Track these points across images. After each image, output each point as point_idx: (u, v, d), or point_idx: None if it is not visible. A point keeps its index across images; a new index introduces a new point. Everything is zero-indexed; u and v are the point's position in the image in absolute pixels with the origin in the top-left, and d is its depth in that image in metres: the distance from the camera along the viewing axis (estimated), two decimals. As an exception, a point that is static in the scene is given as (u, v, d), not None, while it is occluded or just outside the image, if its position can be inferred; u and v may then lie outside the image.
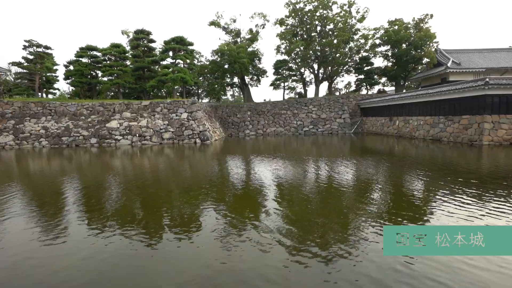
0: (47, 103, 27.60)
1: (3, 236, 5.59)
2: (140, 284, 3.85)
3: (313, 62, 42.56)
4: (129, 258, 4.60)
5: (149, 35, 36.08)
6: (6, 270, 4.28)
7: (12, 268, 4.32)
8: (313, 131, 36.54)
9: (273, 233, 5.36)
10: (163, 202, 7.93)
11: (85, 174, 12.99)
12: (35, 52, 33.77)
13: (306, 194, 8.22)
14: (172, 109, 27.72)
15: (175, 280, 3.90)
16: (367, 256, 4.30)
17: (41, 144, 25.19)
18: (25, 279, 3.99)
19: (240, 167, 13.52)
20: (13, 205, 7.73)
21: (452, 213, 5.91)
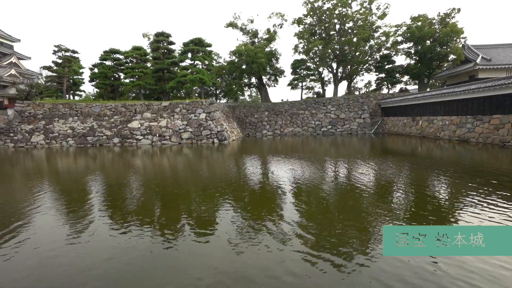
0: (74, 104, 28.96)
1: (36, 231, 5.88)
2: (156, 282, 3.90)
3: (332, 61, 41.83)
4: (147, 255, 4.68)
5: (169, 38, 36.94)
6: (36, 267, 4.49)
7: (43, 265, 4.53)
8: (331, 132, 35.90)
9: (289, 234, 5.28)
10: (182, 201, 8.05)
11: (109, 173, 13.46)
12: (63, 56, 35.54)
13: (324, 195, 8.06)
14: (191, 109, 28.19)
15: (186, 279, 3.92)
16: (388, 260, 4.13)
17: (68, 143, 26.45)
18: (53, 275, 4.17)
19: (257, 167, 13.49)
20: (44, 201, 8.13)
21: (491, 218, 5.57)
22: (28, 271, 4.26)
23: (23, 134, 27.06)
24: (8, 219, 6.64)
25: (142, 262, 4.46)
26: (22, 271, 4.26)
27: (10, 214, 7.11)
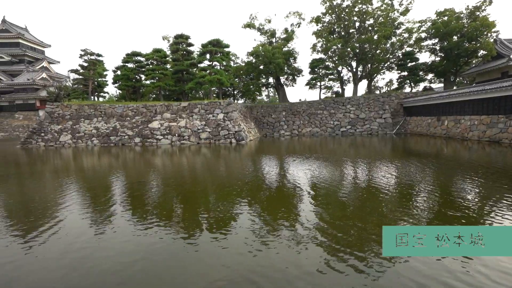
0: (98, 105, 30.20)
1: (64, 225, 6.15)
2: (174, 279, 3.94)
3: (351, 60, 40.86)
4: (166, 252, 4.74)
5: (188, 39, 37.64)
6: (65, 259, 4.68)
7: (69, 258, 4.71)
8: (351, 132, 35.07)
9: (307, 234, 5.18)
10: (200, 199, 8.12)
11: (132, 171, 13.87)
12: (89, 60, 37.19)
13: (343, 197, 7.84)
14: (209, 110, 28.55)
15: (206, 277, 3.92)
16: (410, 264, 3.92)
17: (93, 142, 27.61)
18: (79, 268, 4.33)
19: (275, 167, 13.40)
20: (71, 197, 8.50)
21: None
22: (57, 261, 4.45)
23: (52, 134, 28.56)
24: (39, 214, 7.00)
25: (161, 258, 4.53)
26: (52, 261, 4.46)
27: (42, 209, 7.48)
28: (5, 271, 4.30)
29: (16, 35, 70.02)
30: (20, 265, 4.45)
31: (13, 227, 6.14)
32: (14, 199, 8.94)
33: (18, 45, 69.97)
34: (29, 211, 7.35)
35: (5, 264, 4.52)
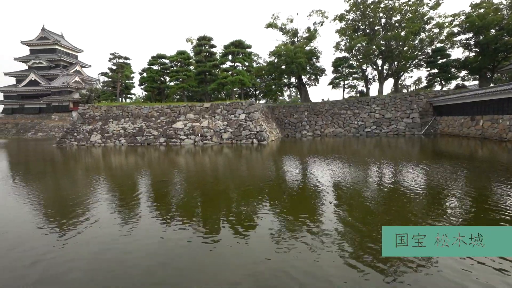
0: (125, 106, 31.50)
1: (95, 220, 6.43)
2: (196, 277, 3.94)
3: (377, 58, 39.52)
4: (188, 250, 4.78)
5: (210, 41, 38.25)
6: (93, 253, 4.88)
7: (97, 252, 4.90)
8: (376, 132, 33.87)
9: (330, 238, 5.00)
10: (223, 199, 8.16)
11: (157, 170, 14.28)
12: (117, 63, 38.95)
13: (368, 200, 7.52)
14: (231, 110, 28.80)
15: (229, 276, 3.89)
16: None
17: (121, 142, 28.83)
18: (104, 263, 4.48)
19: (297, 168, 13.20)
20: (101, 194, 8.89)
21: None
22: (88, 254, 4.65)
23: (84, 134, 30.19)
24: (71, 209, 7.37)
25: (183, 256, 4.57)
26: (84, 253, 4.66)
27: (73, 204, 7.88)
28: (40, 266, 4.54)
29: (53, 42, 74.96)
30: (56, 258, 4.68)
31: (48, 221, 6.50)
32: (48, 195, 9.50)
33: (54, 51, 74.87)
34: (62, 206, 7.76)
35: (40, 261, 4.76)
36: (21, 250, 4.99)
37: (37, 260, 4.58)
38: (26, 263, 4.50)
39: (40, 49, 75.52)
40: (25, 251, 4.94)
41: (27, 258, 4.66)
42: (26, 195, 9.09)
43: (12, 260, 4.63)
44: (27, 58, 75.22)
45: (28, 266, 4.39)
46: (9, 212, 7.38)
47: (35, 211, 7.41)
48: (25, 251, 4.92)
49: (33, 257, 4.69)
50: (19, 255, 4.78)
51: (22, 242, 5.33)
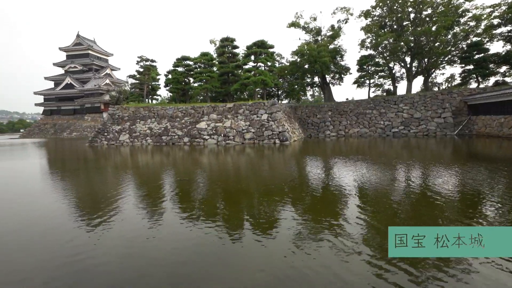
0: (152, 107, 32.64)
1: (121, 216, 6.67)
2: (216, 277, 3.92)
3: (405, 55, 37.76)
4: (208, 249, 4.79)
5: (233, 42, 38.61)
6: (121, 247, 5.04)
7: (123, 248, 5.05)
8: (403, 133, 32.35)
9: (354, 242, 4.79)
10: (245, 198, 8.14)
11: (181, 169, 14.62)
12: (144, 66, 40.49)
13: (395, 204, 7.13)
14: (253, 110, 28.86)
15: (247, 276, 3.83)
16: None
17: (147, 141, 29.91)
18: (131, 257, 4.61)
19: (320, 168, 12.90)
20: (128, 191, 9.24)
21: None
22: (116, 248, 4.81)
23: (113, 134, 31.70)
24: (100, 205, 7.72)
25: (203, 255, 4.58)
26: (111, 248, 4.84)
27: (102, 200, 8.25)
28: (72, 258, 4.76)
29: (86, 47, 79.59)
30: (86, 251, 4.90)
31: (79, 216, 6.84)
32: (82, 190, 10.03)
33: (87, 56, 79.44)
34: (93, 201, 8.16)
35: (73, 255, 5.00)
36: (56, 240, 5.28)
37: (71, 252, 4.82)
38: (60, 254, 4.74)
39: (75, 54, 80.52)
40: (59, 242, 5.22)
41: (62, 249, 4.92)
42: (62, 190, 9.67)
43: (48, 250, 4.90)
44: (63, 63, 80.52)
45: (62, 257, 4.63)
46: (46, 206, 7.87)
47: (70, 204, 7.84)
48: (59, 242, 5.20)
49: (68, 249, 4.94)
50: (55, 245, 5.06)
51: (57, 234, 5.64)
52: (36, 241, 5.40)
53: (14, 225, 6.28)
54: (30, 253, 4.86)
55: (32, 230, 5.98)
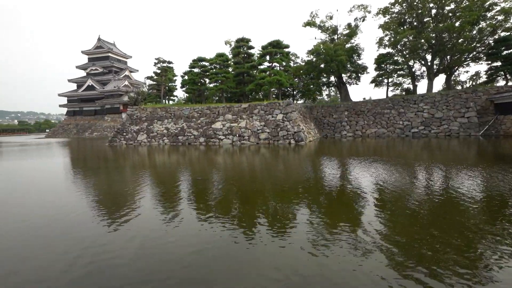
0: (168, 108, 33.27)
1: (139, 213, 6.80)
2: (232, 276, 3.88)
3: (426, 52, 36.46)
4: (222, 248, 4.76)
5: (248, 42, 38.68)
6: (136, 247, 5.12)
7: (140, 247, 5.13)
8: (424, 133, 31.23)
9: (372, 246, 4.61)
10: (260, 198, 8.08)
11: (197, 168, 14.77)
12: (161, 67, 41.33)
13: (416, 207, 6.84)
14: (268, 110, 28.77)
15: (267, 277, 3.76)
16: None
17: (164, 141, 30.50)
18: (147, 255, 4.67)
19: (336, 169, 12.64)
20: (146, 190, 9.43)
21: None
22: (133, 243, 4.90)
23: (132, 134, 32.55)
24: (119, 202, 7.91)
25: (216, 254, 4.56)
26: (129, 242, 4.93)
27: (121, 198, 8.45)
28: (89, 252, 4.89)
29: (107, 50, 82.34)
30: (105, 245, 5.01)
31: (99, 211, 7.03)
32: (101, 188, 10.33)
33: (108, 59, 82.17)
34: (112, 197, 8.37)
35: (90, 247, 5.14)
36: (75, 234, 5.45)
37: (88, 245, 4.94)
38: (78, 247, 4.88)
39: (96, 57, 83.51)
40: (77, 236, 5.38)
41: (79, 243, 5.06)
42: (84, 187, 10.00)
43: (65, 244, 5.06)
44: (85, 65, 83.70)
45: (79, 250, 4.76)
46: (70, 202, 8.15)
47: (90, 201, 8.08)
48: (77, 236, 5.36)
49: (85, 242, 5.07)
50: (72, 240, 5.21)
51: (76, 229, 5.82)
52: (57, 233, 5.59)
53: (40, 220, 6.54)
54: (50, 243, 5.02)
55: (57, 225, 6.20)
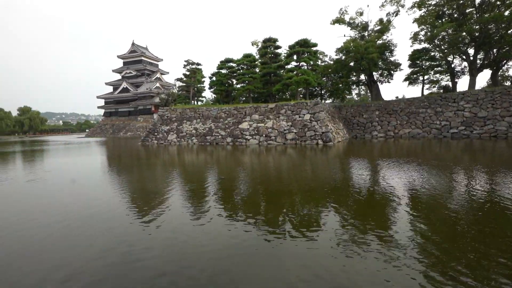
0: (197, 108, 34.12)
1: (169, 211, 6.97)
2: (254, 277, 3.77)
3: (468, 46, 33.74)
4: (246, 248, 4.68)
5: (275, 42, 38.51)
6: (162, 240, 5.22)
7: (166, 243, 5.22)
8: (464, 134, 28.92)
9: (404, 253, 4.27)
10: (286, 199, 7.91)
11: (225, 168, 14.94)
12: (190, 69, 42.55)
13: (454, 213, 6.25)
14: (296, 110, 28.38)
15: (286, 277, 3.61)
16: None
17: (193, 141, 31.32)
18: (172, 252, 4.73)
19: (366, 172, 12.06)
20: (175, 187, 9.68)
21: None
22: (163, 240, 5.00)
23: (162, 133, 33.84)
24: (150, 199, 8.18)
25: (244, 254, 4.49)
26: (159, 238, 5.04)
27: (152, 195, 8.74)
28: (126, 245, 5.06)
29: (140, 54, 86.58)
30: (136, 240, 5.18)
31: (130, 207, 7.31)
32: (134, 185, 10.79)
33: (141, 62, 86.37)
34: (143, 194, 8.69)
35: (123, 241, 5.32)
36: (109, 228, 5.70)
37: (122, 240, 5.13)
38: (107, 242, 5.08)
39: (130, 61, 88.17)
40: (112, 230, 5.62)
41: (111, 237, 5.27)
42: (119, 184, 10.53)
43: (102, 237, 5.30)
44: (121, 69, 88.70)
45: (110, 245, 4.95)
46: (108, 196, 8.60)
47: (123, 197, 8.46)
48: (112, 231, 5.59)
49: (117, 237, 5.28)
50: (107, 233, 5.45)
51: (111, 223, 6.08)
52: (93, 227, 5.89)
53: (79, 214, 6.95)
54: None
55: (95, 219, 6.54)
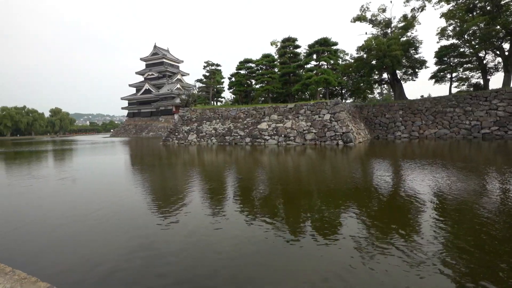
0: (216, 109, 34.56)
1: (187, 210, 7.10)
2: (272, 277, 3.73)
3: (502, 41, 31.69)
4: (264, 248, 4.64)
5: (294, 42, 38.18)
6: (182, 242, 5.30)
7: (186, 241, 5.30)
8: (498, 134, 27.18)
9: (426, 255, 4.04)
10: (304, 201, 7.80)
11: (244, 168, 15.01)
12: (210, 70, 43.17)
13: (481, 218, 5.85)
14: (315, 110, 27.99)
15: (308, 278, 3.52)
16: None
17: (212, 141, 31.75)
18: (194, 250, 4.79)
19: (389, 174, 11.63)
20: (195, 186, 9.84)
21: None
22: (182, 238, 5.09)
23: (183, 133, 34.58)
24: (170, 196, 8.37)
25: (261, 253, 4.46)
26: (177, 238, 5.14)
27: (172, 193, 8.94)
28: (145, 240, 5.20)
29: (161, 56, 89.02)
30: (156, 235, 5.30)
31: (150, 204, 7.51)
32: (154, 183, 11.09)
33: (162, 64, 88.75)
34: (163, 192, 8.90)
35: (143, 236, 5.47)
36: (129, 224, 5.88)
37: (142, 236, 5.28)
38: (129, 237, 5.24)
39: (152, 63, 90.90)
40: (131, 226, 5.79)
41: (131, 234, 5.44)
42: (141, 182, 10.88)
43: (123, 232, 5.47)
44: (143, 71, 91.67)
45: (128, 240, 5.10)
46: (130, 193, 8.91)
47: (144, 195, 8.72)
48: (131, 227, 5.77)
49: (136, 232, 5.43)
50: (128, 229, 5.63)
51: (132, 220, 6.28)
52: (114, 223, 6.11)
53: (104, 211, 7.24)
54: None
55: (120, 216, 6.79)
